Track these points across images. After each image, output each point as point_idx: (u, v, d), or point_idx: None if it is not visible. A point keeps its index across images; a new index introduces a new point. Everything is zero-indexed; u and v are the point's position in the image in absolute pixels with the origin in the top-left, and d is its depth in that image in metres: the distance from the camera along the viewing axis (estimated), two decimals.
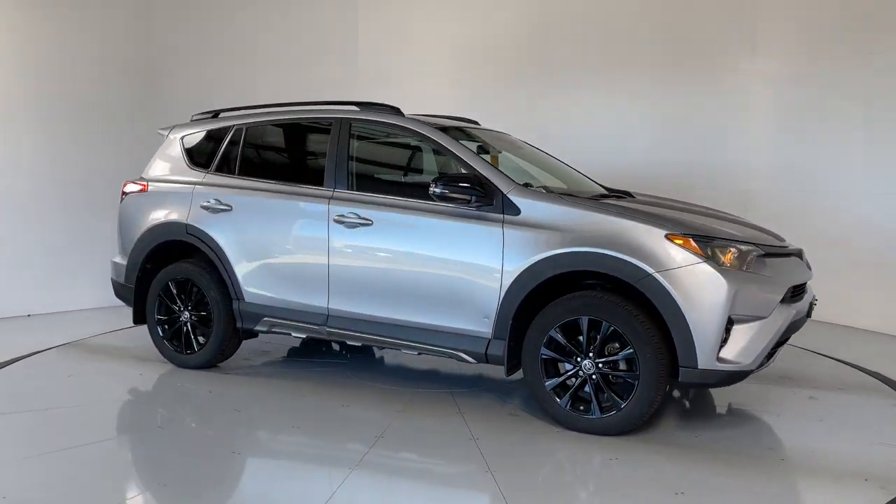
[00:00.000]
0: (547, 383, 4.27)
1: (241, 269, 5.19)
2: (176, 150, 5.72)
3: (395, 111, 5.08)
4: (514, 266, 4.30)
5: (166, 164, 5.74)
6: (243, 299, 5.21)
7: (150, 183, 5.68)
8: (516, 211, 4.37)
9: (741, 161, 7.91)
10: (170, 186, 5.58)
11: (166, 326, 5.56)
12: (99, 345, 6.31)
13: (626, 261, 4.03)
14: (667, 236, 4.04)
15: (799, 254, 4.60)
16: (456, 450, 3.98)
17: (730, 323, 3.95)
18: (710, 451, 3.99)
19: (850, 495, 3.44)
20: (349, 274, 4.82)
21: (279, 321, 5.12)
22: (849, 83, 7.19)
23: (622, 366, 4.12)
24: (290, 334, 5.14)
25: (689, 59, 8.02)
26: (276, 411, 4.63)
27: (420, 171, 5.58)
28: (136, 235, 5.63)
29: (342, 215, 4.82)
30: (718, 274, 3.92)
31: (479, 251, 4.41)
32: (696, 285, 3.93)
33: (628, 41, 8.17)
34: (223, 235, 5.24)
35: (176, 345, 5.51)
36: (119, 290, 5.83)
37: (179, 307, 5.48)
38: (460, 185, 4.43)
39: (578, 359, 4.19)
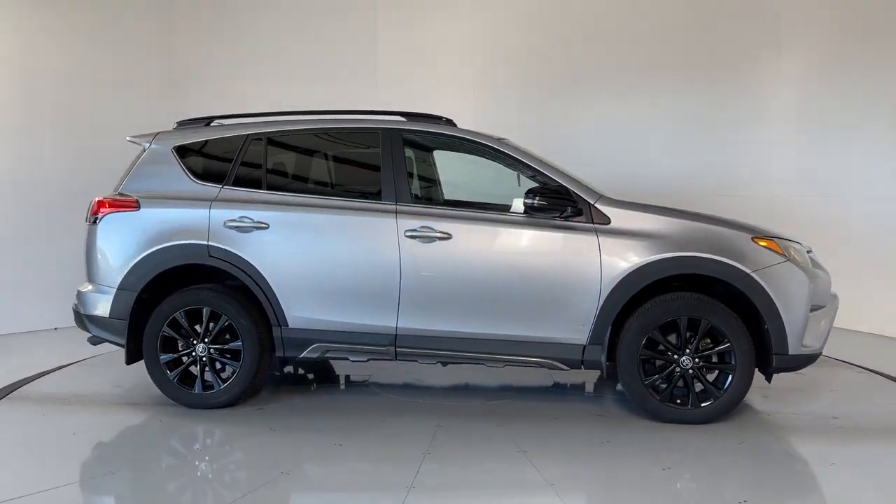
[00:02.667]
0: (646, 381, 4.54)
1: (285, 293, 4.72)
2: (170, 162, 5.00)
3: (448, 123, 5.00)
4: (615, 272, 4.48)
5: (158, 178, 4.99)
6: (286, 325, 4.75)
7: (140, 200, 4.91)
8: (606, 220, 4.57)
9: (763, 165, 7.85)
10: (173, 203, 4.88)
11: (172, 363, 4.86)
12: (69, 392, 5.28)
13: (727, 263, 4.44)
14: (753, 239, 4.52)
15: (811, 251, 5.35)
16: (607, 455, 4.09)
17: None
18: (803, 427, 4.57)
19: None
20: (426, 291, 4.64)
21: (335, 345, 4.76)
22: (875, 85, 7.12)
23: (714, 359, 4.53)
24: (347, 358, 4.81)
25: (712, 61, 7.93)
26: (395, 441, 4.31)
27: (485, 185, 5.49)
28: (128, 261, 4.83)
29: (415, 230, 4.63)
30: (801, 270, 4.50)
31: (576, 260, 4.54)
32: (785, 281, 4.46)
33: (648, 44, 8.12)
34: (260, 256, 4.72)
35: (188, 383, 4.85)
36: (99, 326, 4.93)
37: (193, 340, 4.83)
38: (556, 196, 4.53)
39: (675, 356, 4.51)
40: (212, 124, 5.18)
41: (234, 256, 4.74)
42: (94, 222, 4.95)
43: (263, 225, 4.75)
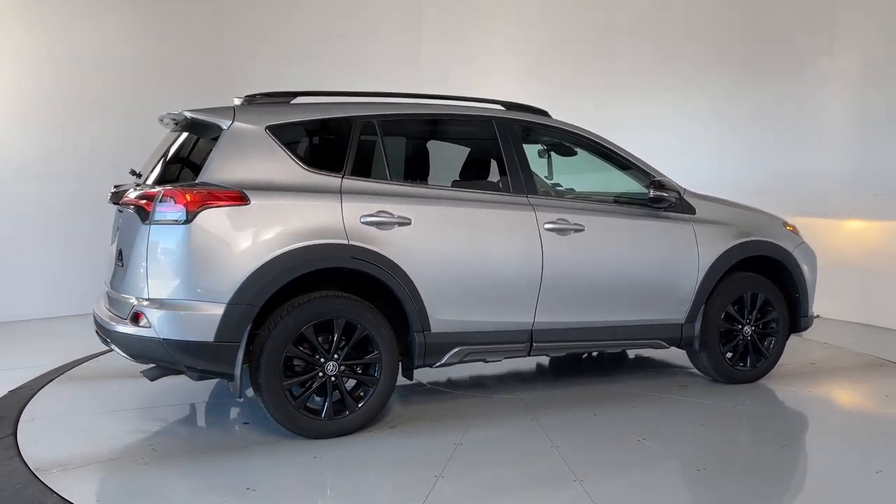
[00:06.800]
0: (722, 349, 5.20)
1: (430, 295, 4.27)
2: (268, 146, 4.07)
3: (544, 114, 4.97)
4: (708, 257, 5.06)
5: (253, 165, 4.02)
6: (430, 330, 4.30)
7: (247, 192, 3.92)
8: (693, 210, 5.11)
9: (815, 162, 7.80)
10: (291, 196, 4.01)
11: (292, 388, 4.04)
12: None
13: (780, 245, 5.34)
14: (783, 224, 5.49)
15: None
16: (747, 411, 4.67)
17: None
18: (804, 372, 5.71)
19: None
20: (563, 284, 4.63)
21: (476, 347, 4.46)
22: None
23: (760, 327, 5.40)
24: (484, 360, 4.54)
25: (765, 59, 7.91)
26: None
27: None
28: (244, 268, 3.85)
29: (553, 222, 4.59)
30: (812, 249, 5.60)
31: (683, 247, 5.01)
32: (807, 257, 5.52)
33: (701, 41, 8.09)
34: (403, 255, 4.18)
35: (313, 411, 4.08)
36: (194, 354, 3.83)
37: (320, 358, 4.06)
38: (671, 189, 4.90)
39: (741, 326, 5.26)
40: (292, 102, 4.36)
41: (379, 257, 4.12)
42: (187, 220, 3.81)
43: (406, 220, 4.21)
